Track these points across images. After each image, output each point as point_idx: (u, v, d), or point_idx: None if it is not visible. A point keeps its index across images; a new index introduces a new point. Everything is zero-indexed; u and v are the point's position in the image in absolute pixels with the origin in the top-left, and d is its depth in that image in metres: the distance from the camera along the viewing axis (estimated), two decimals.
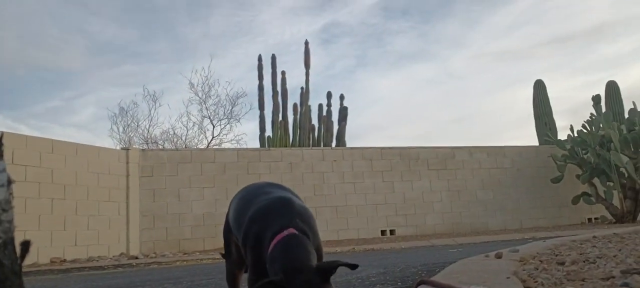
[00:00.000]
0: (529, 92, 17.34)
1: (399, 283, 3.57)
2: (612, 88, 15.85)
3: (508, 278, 1.91)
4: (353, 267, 1.71)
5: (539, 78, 17.30)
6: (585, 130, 13.10)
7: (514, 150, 13.87)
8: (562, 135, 15.41)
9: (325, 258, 1.89)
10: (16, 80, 25.10)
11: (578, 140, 13.07)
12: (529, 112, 17.26)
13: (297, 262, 1.66)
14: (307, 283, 1.60)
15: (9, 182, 0.87)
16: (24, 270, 0.96)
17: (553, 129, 16.48)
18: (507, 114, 31.56)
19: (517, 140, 36.76)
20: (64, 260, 8.89)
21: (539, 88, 17.13)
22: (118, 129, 20.13)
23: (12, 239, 0.87)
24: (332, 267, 1.66)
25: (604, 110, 13.96)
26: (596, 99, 13.87)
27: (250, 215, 1.92)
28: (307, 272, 1.62)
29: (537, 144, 16.20)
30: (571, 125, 13.56)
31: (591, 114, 13.57)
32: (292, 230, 1.76)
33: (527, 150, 14.13)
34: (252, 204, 1.97)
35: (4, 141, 0.92)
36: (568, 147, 13.31)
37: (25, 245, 0.88)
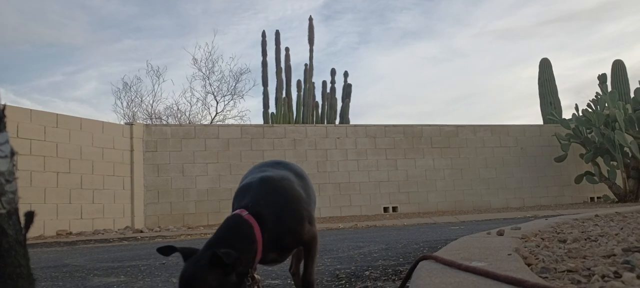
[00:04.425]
0: (533, 71, 17.35)
1: (401, 259, 3.60)
2: (619, 67, 15.70)
3: (509, 255, 1.92)
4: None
5: (544, 57, 17.19)
6: (590, 110, 13.03)
7: (518, 129, 13.82)
8: (567, 114, 15.36)
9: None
10: (18, 55, 25.09)
11: (583, 119, 13.01)
12: (533, 91, 17.22)
13: (213, 242, 1.67)
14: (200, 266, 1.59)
15: (12, 153, 0.87)
16: (30, 242, 0.97)
17: (558, 108, 16.40)
18: (511, 92, 31.41)
19: (521, 119, 36.64)
20: (70, 233, 8.99)
21: (545, 67, 16.99)
22: (122, 103, 20.17)
23: (16, 210, 0.87)
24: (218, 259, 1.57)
25: (609, 89, 13.85)
26: (602, 78, 13.76)
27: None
28: (204, 254, 1.60)
29: (541, 122, 16.14)
30: (576, 104, 13.56)
31: (596, 93, 13.47)
32: (239, 212, 1.75)
33: (531, 129, 14.09)
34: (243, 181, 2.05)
35: (7, 114, 0.92)
36: (572, 126, 13.26)
37: (29, 216, 0.89)
